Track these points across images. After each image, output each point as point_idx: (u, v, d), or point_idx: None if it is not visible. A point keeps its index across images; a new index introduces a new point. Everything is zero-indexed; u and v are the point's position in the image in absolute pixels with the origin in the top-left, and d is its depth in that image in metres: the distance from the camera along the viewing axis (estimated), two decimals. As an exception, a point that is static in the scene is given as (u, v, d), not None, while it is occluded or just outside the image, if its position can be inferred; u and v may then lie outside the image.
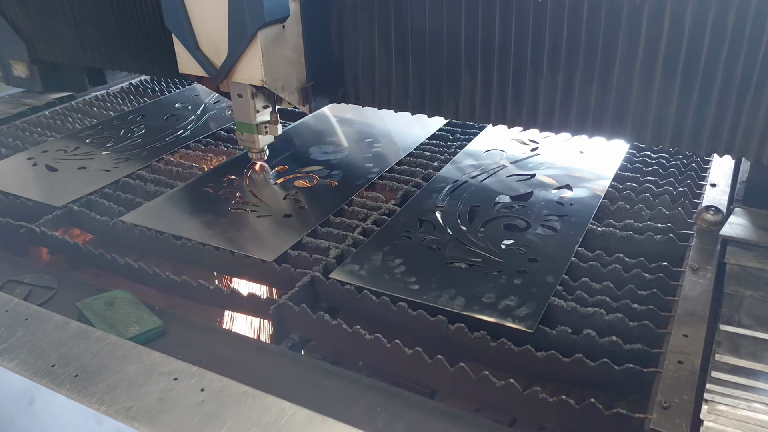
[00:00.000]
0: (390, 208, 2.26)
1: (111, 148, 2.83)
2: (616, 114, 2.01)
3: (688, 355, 1.47)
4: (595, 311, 1.66)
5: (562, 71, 2.03)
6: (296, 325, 1.77)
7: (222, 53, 2.13)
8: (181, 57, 2.24)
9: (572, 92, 2.05)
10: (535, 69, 2.07)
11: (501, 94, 2.16)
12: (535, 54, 2.05)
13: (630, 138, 2.04)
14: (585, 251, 1.95)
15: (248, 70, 2.11)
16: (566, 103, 2.07)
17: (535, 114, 2.14)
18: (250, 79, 2.13)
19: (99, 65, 3.23)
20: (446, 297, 1.74)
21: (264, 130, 2.34)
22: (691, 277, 1.75)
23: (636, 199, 2.23)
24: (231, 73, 2.16)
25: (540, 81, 2.08)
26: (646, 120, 1.98)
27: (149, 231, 2.14)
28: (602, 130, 2.06)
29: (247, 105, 2.25)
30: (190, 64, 2.23)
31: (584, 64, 1.99)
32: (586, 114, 2.06)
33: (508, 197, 2.28)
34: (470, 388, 1.50)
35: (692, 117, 1.91)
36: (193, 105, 3.32)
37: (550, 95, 2.09)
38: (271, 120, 2.34)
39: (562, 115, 2.10)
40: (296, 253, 2.00)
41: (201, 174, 2.55)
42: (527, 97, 2.12)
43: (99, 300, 1.82)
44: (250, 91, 2.21)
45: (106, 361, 1.45)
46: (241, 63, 2.11)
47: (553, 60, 2.03)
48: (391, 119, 3.02)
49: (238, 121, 2.33)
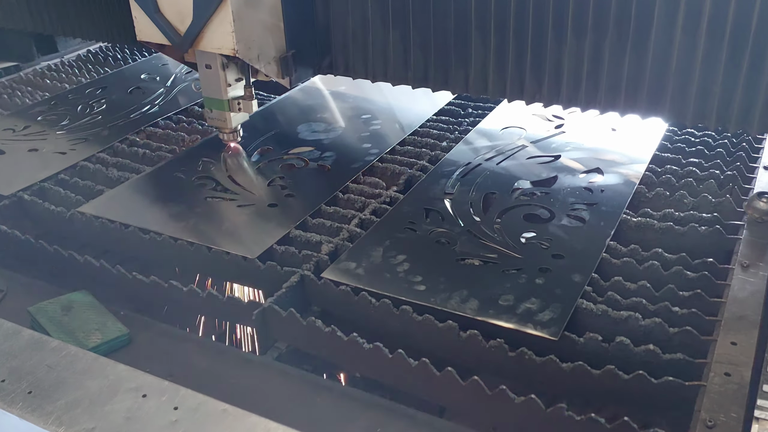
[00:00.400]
0: (391, 196, 2.26)
1: (67, 126, 2.83)
2: (652, 87, 2.00)
3: (737, 366, 1.47)
4: (630, 315, 1.67)
5: (590, 37, 2.01)
6: (283, 332, 1.78)
7: (186, 18, 2.10)
8: (139, 22, 2.20)
9: (601, 62, 2.04)
10: (557, 34, 2.06)
11: (518, 64, 2.14)
12: (557, 16, 2.03)
13: (669, 116, 2.02)
14: (618, 245, 1.95)
15: (217, 37, 2.08)
16: (594, 74, 2.06)
17: (558, 87, 2.13)
18: (219, 48, 2.11)
19: (48, 31, 3.22)
20: (457, 299, 1.75)
21: (237, 106, 2.30)
22: (740, 276, 1.75)
23: (677, 184, 2.23)
24: (197, 41, 2.13)
25: (564, 48, 2.06)
26: (687, 94, 1.97)
27: (112, 224, 2.15)
28: (636, 106, 2.05)
29: (217, 78, 2.22)
30: (149, 30, 2.20)
31: (615, 29, 1.98)
32: (617, 87, 2.05)
33: (528, 183, 2.28)
34: (485, 404, 1.51)
35: (742, 90, 1.90)
36: (162, 76, 3.32)
37: (576, 65, 2.07)
38: (245, 95, 2.30)
39: (589, 88, 2.08)
40: (283, 248, 2.00)
41: (172, 157, 2.55)
42: (549, 67, 2.11)
43: (55, 304, 1.83)
44: (220, 62, 2.19)
45: (64, 376, 1.45)
46: (208, 29, 2.09)
47: (579, 23, 2.01)
48: (392, 92, 3.01)
49: (206, 96, 2.30)
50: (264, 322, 1.77)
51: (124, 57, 3.62)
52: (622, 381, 1.51)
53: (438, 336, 1.68)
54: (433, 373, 1.55)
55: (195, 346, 1.74)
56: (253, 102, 2.32)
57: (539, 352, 1.58)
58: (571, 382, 1.56)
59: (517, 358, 1.59)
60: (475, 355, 1.65)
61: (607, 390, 1.54)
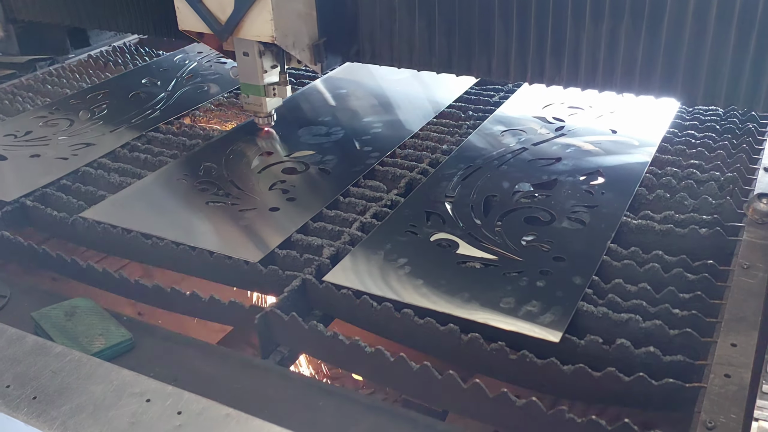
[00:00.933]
0: (392, 199, 2.27)
1: (68, 132, 2.85)
2: (665, 69, 2.12)
3: (737, 368, 1.48)
4: (630, 318, 1.68)
5: (607, 22, 2.12)
6: (285, 336, 1.79)
7: (228, 7, 2.25)
8: (181, 12, 2.35)
9: (617, 45, 2.15)
10: (576, 20, 2.16)
11: (539, 48, 2.26)
12: (576, 3, 2.13)
13: (681, 95, 2.14)
14: (618, 248, 1.96)
15: (257, 25, 2.23)
16: (611, 57, 2.18)
17: (576, 70, 2.25)
18: (258, 36, 2.25)
19: (83, 25, 3.30)
20: (458, 302, 1.76)
21: (272, 92, 2.48)
22: (741, 277, 1.76)
23: (677, 186, 2.24)
24: (237, 29, 2.28)
25: (582, 33, 2.17)
26: (698, 75, 2.09)
27: (114, 229, 2.16)
28: (650, 87, 2.18)
29: (254, 64, 2.39)
30: (191, 19, 2.34)
31: (630, 13, 2.08)
32: (632, 69, 2.17)
33: (528, 185, 2.29)
34: (486, 407, 1.52)
35: (749, 71, 2.01)
36: (163, 80, 3.34)
37: (593, 49, 2.19)
38: (279, 81, 2.48)
39: (606, 70, 2.20)
40: (284, 252, 2.02)
41: (173, 162, 2.57)
42: (568, 51, 2.23)
43: (58, 310, 1.84)
44: (257, 50, 2.34)
45: (69, 381, 1.46)
46: (248, 17, 2.24)
47: (597, 9, 2.11)
48: (393, 94, 3.03)
49: (243, 82, 2.46)
50: (266, 326, 1.78)
51: (125, 61, 3.64)
52: (622, 383, 1.53)
53: (439, 339, 1.69)
54: (435, 376, 1.56)
55: (198, 351, 1.75)
56: (287, 87, 2.49)
57: (540, 355, 1.59)
58: (572, 385, 1.58)
59: (518, 360, 1.60)
60: (476, 358, 1.66)
61: (608, 392, 1.56)
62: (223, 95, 3.18)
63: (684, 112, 2.77)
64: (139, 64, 3.60)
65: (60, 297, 1.93)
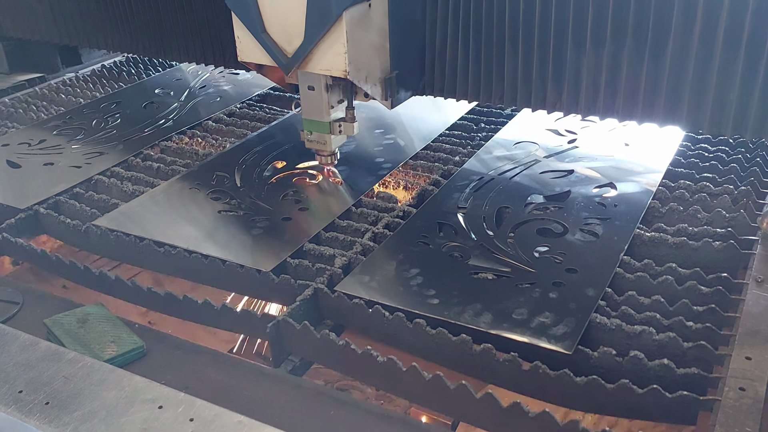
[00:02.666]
0: (405, 210, 2.28)
1: (82, 140, 2.88)
2: (670, 96, 2.05)
3: (752, 381, 1.48)
4: (644, 330, 1.68)
5: (608, 46, 2.06)
6: (297, 345, 1.80)
7: (295, 38, 2.08)
8: (242, 42, 2.17)
9: (619, 71, 2.09)
10: (577, 44, 2.10)
11: (541, 74, 2.19)
12: (577, 26, 2.07)
13: (686, 124, 2.07)
14: (631, 260, 1.97)
15: (328, 58, 2.05)
16: (612, 83, 2.11)
17: (576, 97, 2.18)
18: (329, 70, 2.08)
19: (73, 42, 3.27)
20: (471, 313, 1.77)
21: (338, 129, 2.29)
22: (755, 290, 1.76)
23: (691, 199, 2.24)
24: (305, 62, 2.10)
25: (582, 58, 2.11)
26: (704, 102, 2.02)
27: (127, 237, 2.18)
28: (654, 115, 2.10)
29: (320, 99, 2.20)
30: (252, 51, 2.16)
31: (633, 38, 2.03)
32: (635, 96, 2.10)
33: (541, 197, 2.30)
34: (499, 418, 1.52)
35: (758, 98, 1.96)
36: (176, 90, 3.37)
37: (594, 75, 2.12)
38: (346, 117, 2.30)
39: (607, 97, 2.13)
40: (297, 262, 2.03)
41: (186, 171, 2.59)
42: (568, 77, 2.16)
43: (70, 316, 1.86)
44: (324, 84, 2.17)
45: (81, 387, 1.48)
46: (318, 49, 2.05)
47: (598, 33, 2.05)
48: (405, 107, 3.03)
49: (306, 118, 2.28)
50: (278, 335, 1.79)
51: (138, 72, 3.67)
52: (636, 395, 1.52)
53: (452, 349, 1.69)
54: (447, 386, 1.57)
55: (209, 359, 1.76)
56: (354, 124, 2.30)
57: (553, 366, 1.59)
58: (585, 396, 1.57)
59: (531, 371, 1.60)
60: (488, 369, 1.66)
61: (621, 404, 1.55)
62: (235, 105, 3.21)
63: (697, 125, 2.76)
64: (152, 74, 3.64)
65: (72, 304, 1.94)
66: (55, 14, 3.19)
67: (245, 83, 3.46)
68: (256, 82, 3.45)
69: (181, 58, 3.02)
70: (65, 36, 3.25)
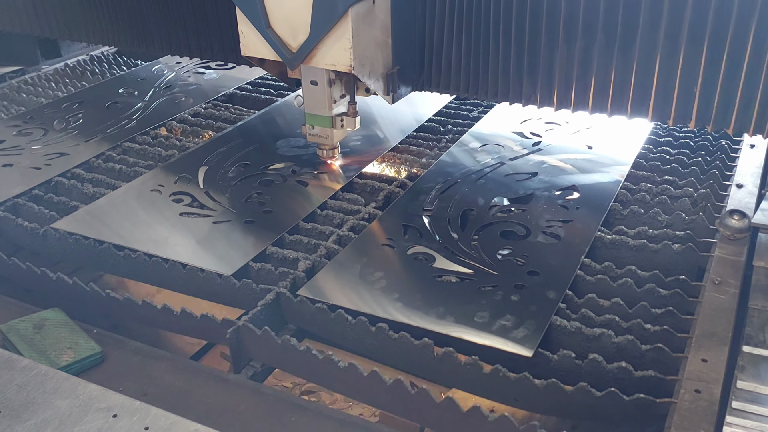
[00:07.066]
0: (370, 212, 2.27)
1: (42, 141, 2.82)
2: (638, 89, 2.13)
3: (707, 383, 1.50)
4: (603, 333, 1.69)
5: (579, 42, 2.13)
6: (258, 350, 1.78)
7: (300, 33, 2.11)
8: (246, 37, 2.21)
9: (590, 66, 2.16)
10: (550, 39, 2.16)
11: (517, 68, 2.26)
12: (550, 23, 2.14)
13: (653, 116, 2.15)
14: (592, 263, 1.98)
15: (333, 53, 2.09)
16: (584, 77, 2.19)
17: (550, 91, 2.25)
18: (334, 65, 2.12)
19: (54, 35, 3.22)
20: (433, 316, 1.76)
21: (340, 123, 2.35)
22: (712, 293, 1.78)
23: (651, 202, 2.27)
24: (310, 57, 2.14)
25: (555, 53, 2.18)
26: (669, 96, 2.10)
27: (86, 240, 2.14)
28: (623, 107, 2.18)
29: (323, 94, 2.26)
30: (256, 45, 2.20)
31: (603, 34, 2.09)
32: (605, 90, 2.18)
33: (505, 200, 2.30)
34: (460, 422, 1.52)
35: (720, 92, 2.04)
36: (140, 90, 3.32)
37: (567, 69, 2.19)
38: (348, 111, 2.36)
39: (579, 91, 2.21)
40: (259, 265, 2.01)
41: (148, 172, 2.55)
42: (542, 71, 2.23)
43: (27, 322, 1.82)
44: (327, 78, 2.21)
45: (34, 395, 1.44)
46: (323, 45, 2.09)
47: (570, 29, 2.12)
48: (372, 108, 3.04)
49: (309, 112, 2.33)
50: (239, 341, 1.77)
51: (102, 71, 3.61)
52: (595, 398, 1.53)
53: (414, 353, 1.69)
54: (408, 391, 1.56)
55: (169, 365, 1.73)
56: (357, 119, 2.37)
57: (514, 369, 1.60)
58: (545, 399, 1.58)
59: (491, 375, 1.60)
60: (450, 373, 1.66)
61: (580, 407, 1.56)
62: (200, 105, 3.17)
63: (659, 128, 2.80)
64: (117, 73, 3.58)
65: (29, 310, 1.90)
66: (35, 6, 3.14)
67: (211, 83, 3.42)
68: (222, 83, 3.42)
69: (164, 51, 3.03)
70: (46, 28, 3.20)
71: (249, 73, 3.51)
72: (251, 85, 3.45)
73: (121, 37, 3.04)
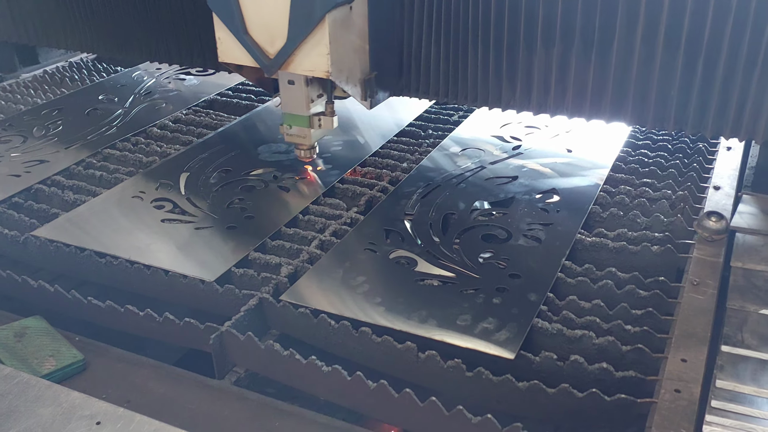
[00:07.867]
0: (352, 217, 2.28)
1: (21, 149, 2.80)
2: (615, 93, 2.15)
3: (687, 383, 1.52)
4: (584, 334, 1.71)
5: (558, 46, 2.14)
6: (241, 356, 1.78)
7: (278, 39, 2.11)
8: (223, 43, 2.19)
9: (568, 70, 2.17)
10: (528, 44, 2.17)
11: (496, 73, 2.27)
12: (528, 27, 2.15)
13: (631, 120, 2.17)
14: (573, 265, 2.00)
15: (311, 59, 2.09)
16: (562, 81, 2.20)
17: (528, 95, 2.26)
18: (312, 71, 2.12)
19: (32, 42, 3.19)
20: (416, 320, 1.77)
21: (317, 123, 2.34)
22: (691, 294, 1.81)
23: (630, 204, 2.29)
24: (287, 63, 2.14)
25: (533, 58, 2.18)
26: (647, 100, 2.12)
27: (67, 247, 2.13)
28: (601, 111, 2.20)
29: (300, 94, 2.25)
30: (233, 51, 2.19)
31: (581, 39, 2.11)
32: (583, 94, 2.19)
33: (486, 203, 2.32)
34: (443, 425, 1.53)
35: (696, 96, 2.06)
36: (120, 97, 3.30)
37: (545, 73, 2.20)
38: (326, 111, 2.35)
39: (557, 95, 2.22)
40: (241, 271, 2.00)
41: (129, 179, 2.54)
42: (521, 75, 2.24)
43: (7, 330, 1.81)
44: (304, 78, 2.21)
45: (16, 404, 1.43)
46: (301, 51, 2.09)
47: (548, 34, 2.13)
48: (354, 113, 3.05)
49: (286, 112, 2.32)
50: (222, 347, 1.76)
51: (81, 78, 3.59)
52: (576, 399, 1.55)
53: (397, 357, 1.70)
54: (392, 395, 1.57)
55: (152, 372, 1.73)
56: (334, 118, 2.36)
57: (496, 372, 1.61)
58: (527, 401, 1.59)
59: (474, 377, 1.62)
60: (433, 376, 1.67)
61: (562, 408, 1.58)
62: (181, 112, 3.16)
63: (637, 131, 2.83)
64: (96, 80, 3.56)
65: (10, 318, 1.88)
66: (12, 12, 3.11)
67: (192, 89, 3.41)
68: (202, 89, 3.41)
69: (143, 58, 3.02)
70: (23, 35, 3.18)
71: (229, 79, 3.50)
72: (232, 90, 3.44)
73: (100, 43, 3.02)
